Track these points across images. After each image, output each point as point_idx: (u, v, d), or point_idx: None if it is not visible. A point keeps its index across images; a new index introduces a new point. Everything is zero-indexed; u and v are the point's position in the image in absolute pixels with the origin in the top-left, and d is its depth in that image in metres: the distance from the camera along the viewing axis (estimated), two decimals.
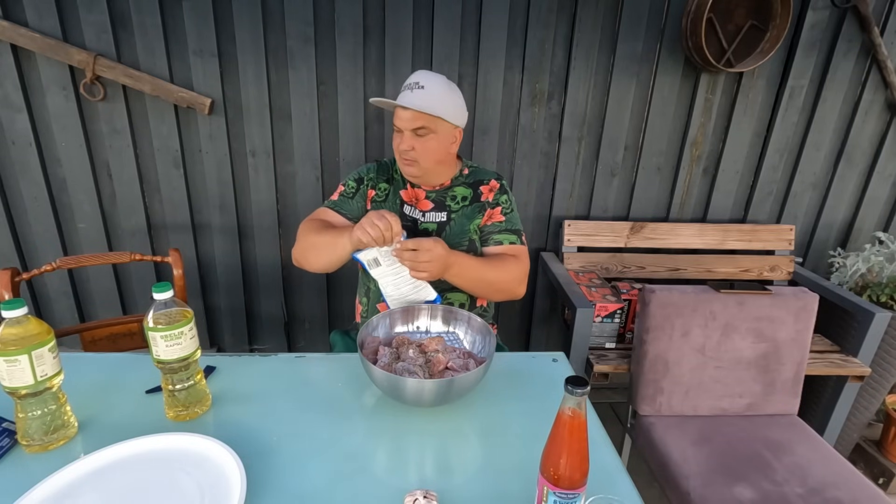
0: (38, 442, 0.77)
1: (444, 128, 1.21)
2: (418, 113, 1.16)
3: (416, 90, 1.17)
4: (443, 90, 1.19)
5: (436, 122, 1.19)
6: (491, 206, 1.30)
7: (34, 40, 1.62)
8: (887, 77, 1.88)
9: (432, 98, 1.17)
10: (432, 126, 1.18)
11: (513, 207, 1.32)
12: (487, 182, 1.32)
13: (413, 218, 1.31)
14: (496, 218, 1.30)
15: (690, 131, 1.97)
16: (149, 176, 1.88)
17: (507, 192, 1.32)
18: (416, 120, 1.17)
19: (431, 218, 1.30)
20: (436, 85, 1.18)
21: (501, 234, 1.28)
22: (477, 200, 1.31)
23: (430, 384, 0.83)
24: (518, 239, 1.29)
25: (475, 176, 1.34)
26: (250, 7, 1.70)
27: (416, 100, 1.16)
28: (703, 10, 1.67)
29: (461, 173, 1.34)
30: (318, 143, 1.89)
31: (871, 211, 2.11)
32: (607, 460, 0.80)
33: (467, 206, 1.30)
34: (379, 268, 1.07)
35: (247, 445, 0.79)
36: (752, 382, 1.43)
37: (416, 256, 1.01)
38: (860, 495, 1.18)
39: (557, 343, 2.25)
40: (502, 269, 1.21)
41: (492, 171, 1.36)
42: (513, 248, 1.27)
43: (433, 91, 1.17)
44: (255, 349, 2.21)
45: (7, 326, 0.72)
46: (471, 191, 1.31)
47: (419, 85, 1.17)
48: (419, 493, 0.69)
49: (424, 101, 1.16)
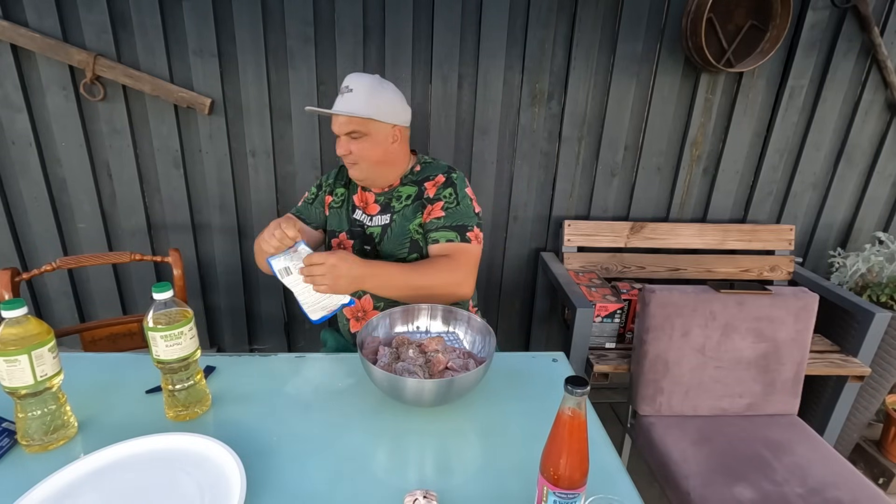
0: (38, 442, 0.77)
1: (378, 128, 1.19)
2: (349, 117, 1.17)
3: (345, 94, 1.17)
4: (372, 91, 1.17)
5: (367, 124, 1.17)
6: (431, 202, 1.24)
7: (34, 40, 1.62)
8: (887, 77, 1.88)
9: (360, 101, 1.16)
10: (364, 129, 1.17)
11: (458, 202, 1.23)
12: (433, 177, 1.27)
13: (361, 223, 1.29)
14: (435, 214, 1.23)
15: (690, 131, 1.97)
16: (149, 176, 1.88)
17: (452, 186, 1.24)
18: (348, 124, 1.17)
19: (377, 222, 1.28)
20: (364, 87, 1.17)
21: (439, 231, 1.21)
22: (419, 198, 1.26)
23: (430, 384, 0.83)
24: (458, 236, 1.20)
25: (424, 172, 1.29)
26: (250, 7, 1.70)
27: (345, 105, 1.16)
28: (703, 10, 1.67)
29: (412, 171, 1.30)
30: (318, 143, 1.89)
31: (871, 211, 2.11)
32: (607, 460, 0.80)
33: (409, 206, 1.26)
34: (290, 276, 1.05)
35: (247, 445, 0.79)
36: (752, 382, 1.43)
37: (311, 271, 0.99)
38: (860, 495, 1.18)
39: (557, 343, 2.25)
40: (433, 274, 1.13)
41: (444, 165, 1.30)
42: (449, 248, 1.19)
43: (361, 93, 1.16)
44: (255, 349, 2.21)
45: (7, 326, 0.72)
46: (416, 188, 1.27)
47: (348, 89, 1.17)
48: (419, 493, 0.69)
49: (352, 106, 1.16)
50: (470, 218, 1.23)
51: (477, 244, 1.22)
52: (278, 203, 1.96)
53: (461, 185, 1.26)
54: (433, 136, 1.91)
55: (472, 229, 1.22)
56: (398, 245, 1.25)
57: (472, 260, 1.20)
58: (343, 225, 1.32)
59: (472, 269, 1.20)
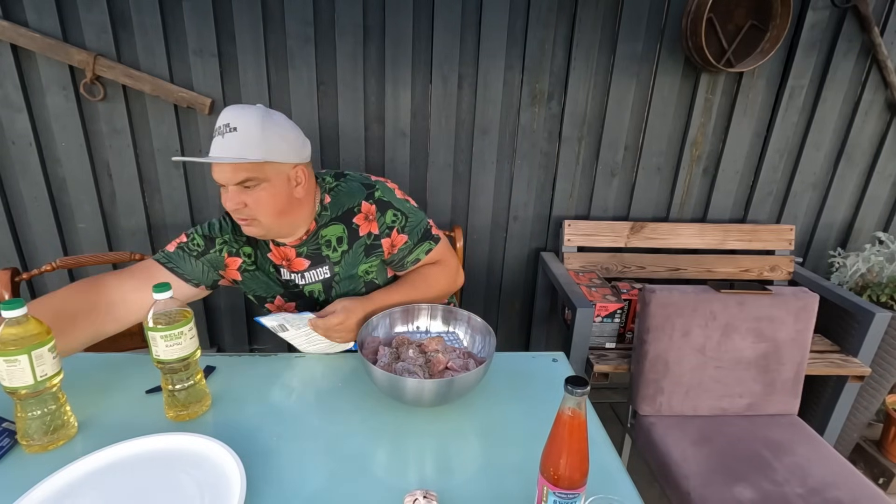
0: (38, 442, 0.77)
1: (277, 171, 0.96)
2: (237, 164, 0.92)
3: (226, 135, 0.92)
4: (261, 127, 0.92)
5: (263, 168, 0.94)
6: (384, 236, 1.10)
7: (34, 40, 1.62)
8: (887, 77, 1.88)
9: (250, 140, 0.91)
10: (260, 174, 0.94)
11: (407, 214, 1.12)
12: (357, 209, 1.08)
13: (293, 282, 1.12)
14: (399, 242, 1.11)
15: (690, 131, 1.97)
16: (149, 176, 1.88)
17: (387, 206, 1.09)
18: (236, 172, 0.93)
19: (312, 278, 1.11)
20: (251, 122, 0.92)
21: (412, 253, 1.14)
22: (356, 238, 1.09)
23: (430, 384, 0.83)
24: (430, 243, 1.14)
25: (339, 205, 1.09)
26: (250, 7, 1.70)
27: (229, 149, 0.91)
28: (703, 10, 1.67)
29: (322, 205, 1.08)
30: (318, 143, 1.89)
31: (871, 211, 2.11)
32: (607, 460, 0.80)
33: (347, 251, 1.09)
34: (287, 332, 1.02)
35: (247, 445, 0.79)
36: (752, 382, 1.43)
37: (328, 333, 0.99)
38: (860, 495, 1.18)
39: (557, 343, 2.25)
40: (432, 286, 1.12)
41: (356, 186, 1.10)
42: (432, 256, 1.17)
43: (250, 131, 0.91)
44: (255, 349, 2.21)
45: (7, 326, 0.72)
46: (343, 227, 1.08)
47: (230, 127, 0.91)
48: (419, 493, 0.69)
49: (241, 148, 0.91)
50: (421, 219, 1.15)
51: (441, 234, 1.19)
52: None
53: (391, 196, 1.12)
54: (433, 136, 1.91)
55: (429, 226, 1.16)
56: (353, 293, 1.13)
57: (451, 252, 1.22)
58: (273, 288, 1.14)
59: (456, 260, 1.22)
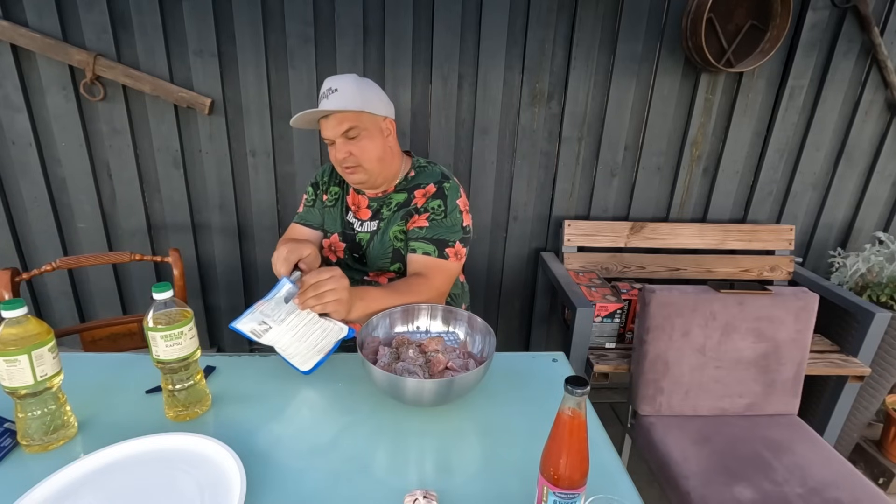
0: (38, 442, 0.77)
1: (372, 122, 1.15)
2: (342, 115, 1.12)
3: (331, 96, 1.12)
4: (357, 86, 1.13)
5: (361, 118, 1.13)
6: (418, 212, 1.21)
7: (34, 40, 1.62)
8: (887, 77, 1.88)
9: (349, 96, 1.11)
10: (360, 123, 1.13)
11: (446, 214, 1.19)
12: (424, 186, 1.23)
13: (352, 226, 1.28)
14: (419, 223, 1.20)
15: (690, 131, 1.97)
16: (149, 176, 1.88)
17: (442, 197, 1.20)
18: (341, 123, 1.13)
19: (366, 228, 1.26)
20: (348, 83, 1.12)
21: (419, 241, 1.18)
22: (406, 206, 1.23)
23: (430, 384, 0.83)
24: (436, 250, 1.16)
25: (417, 179, 1.25)
26: (250, 7, 1.70)
27: (334, 104, 1.11)
28: (703, 10, 1.67)
29: (406, 177, 1.26)
30: (318, 143, 1.89)
31: (871, 211, 2.11)
32: (607, 460, 0.80)
33: (396, 213, 1.23)
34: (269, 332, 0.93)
35: (247, 445, 0.79)
36: (752, 382, 1.43)
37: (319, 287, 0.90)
38: (860, 495, 1.18)
39: (557, 343, 2.25)
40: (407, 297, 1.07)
41: (438, 172, 1.25)
42: (424, 264, 1.16)
43: (347, 90, 1.12)
44: (256, 349, 2.20)
45: (7, 326, 0.72)
46: (405, 195, 1.24)
47: (332, 90, 1.12)
48: (419, 493, 0.69)
49: (343, 103, 1.11)
50: (454, 233, 1.20)
51: (455, 261, 1.19)
52: (278, 203, 1.96)
53: (453, 195, 1.21)
54: (433, 136, 1.91)
55: (453, 245, 1.19)
56: (382, 254, 1.24)
57: (446, 277, 1.17)
58: (337, 226, 1.30)
59: (446, 286, 1.18)
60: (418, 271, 1.16)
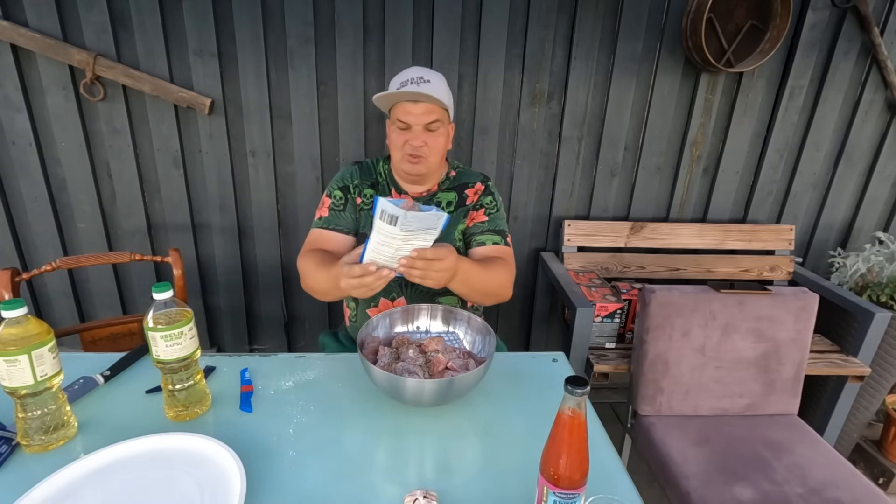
0: (38, 442, 0.77)
1: (447, 121, 1.20)
2: (432, 105, 1.12)
3: (422, 84, 1.11)
4: (444, 83, 1.18)
5: (445, 115, 1.17)
6: (475, 209, 1.27)
7: (34, 40, 1.62)
8: (887, 77, 1.88)
9: (440, 90, 1.13)
10: (442, 118, 1.16)
11: (498, 207, 1.28)
12: (473, 185, 1.28)
13: None
14: (479, 218, 1.26)
15: (690, 131, 1.97)
16: (149, 176, 1.88)
17: (492, 194, 1.28)
18: (431, 113, 1.13)
19: None
20: (439, 79, 1.16)
21: (485, 234, 1.24)
22: (462, 205, 1.27)
23: (430, 384, 0.83)
24: (502, 240, 1.24)
25: (460, 179, 1.30)
26: (250, 7, 1.70)
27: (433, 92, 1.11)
28: (703, 10, 1.67)
29: (447, 176, 1.30)
30: (318, 143, 1.89)
31: (871, 211, 2.11)
32: (607, 460, 0.80)
33: (452, 212, 1.26)
34: (390, 226, 0.83)
35: (247, 445, 0.79)
36: (752, 382, 1.43)
37: (429, 266, 0.89)
38: (860, 495, 1.18)
39: (557, 343, 2.25)
40: (495, 274, 1.13)
41: (477, 173, 1.32)
42: (498, 250, 1.22)
43: (440, 85, 1.14)
44: (255, 349, 2.21)
45: (7, 326, 0.72)
46: (455, 195, 1.27)
47: (423, 79, 1.12)
48: (419, 493, 0.69)
49: (438, 94, 1.11)
50: (505, 224, 1.29)
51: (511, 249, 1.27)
52: (278, 203, 1.96)
53: (496, 190, 1.31)
54: None
55: (508, 234, 1.28)
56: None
57: (513, 262, 1.24)
58: None
59: (514, 273, 1.23)
60: (496, 256, 1.20)
